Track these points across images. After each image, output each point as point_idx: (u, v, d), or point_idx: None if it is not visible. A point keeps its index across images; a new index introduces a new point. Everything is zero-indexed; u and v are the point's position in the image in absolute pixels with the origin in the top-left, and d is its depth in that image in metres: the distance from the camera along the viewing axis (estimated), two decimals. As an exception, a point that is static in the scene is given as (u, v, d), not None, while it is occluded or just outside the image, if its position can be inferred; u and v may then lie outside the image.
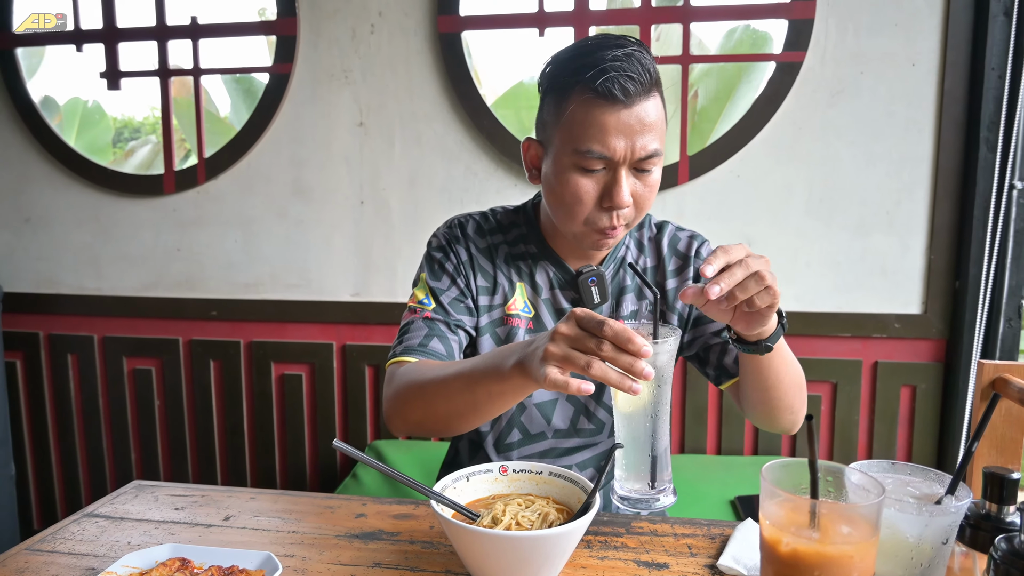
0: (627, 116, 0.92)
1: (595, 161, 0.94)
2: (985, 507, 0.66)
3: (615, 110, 0.92)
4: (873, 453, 1.92)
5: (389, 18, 1.98)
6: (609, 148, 0.93)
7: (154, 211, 2.16)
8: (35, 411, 2.29)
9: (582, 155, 0.94)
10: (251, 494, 1.03)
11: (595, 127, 0.93)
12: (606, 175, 0.96)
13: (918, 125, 1.81)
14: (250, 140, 2.07)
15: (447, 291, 1.08)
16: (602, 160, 0.94)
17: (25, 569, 0.82)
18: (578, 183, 0.96)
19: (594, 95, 0.92)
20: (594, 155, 0.93)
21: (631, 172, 0.96)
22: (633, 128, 0.93)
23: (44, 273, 2.24)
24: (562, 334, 0.76)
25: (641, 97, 0.93)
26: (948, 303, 1.84)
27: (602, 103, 0.92)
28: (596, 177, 0.96)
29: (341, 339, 2.10)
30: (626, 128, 0.92)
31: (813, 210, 1.87)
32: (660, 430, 0.85)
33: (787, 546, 0.55)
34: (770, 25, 2.28)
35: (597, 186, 0.96)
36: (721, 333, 1.10)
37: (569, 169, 0.96)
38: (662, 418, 0.84)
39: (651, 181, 0.98)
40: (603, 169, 0.95)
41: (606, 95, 0.91)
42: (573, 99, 0.94)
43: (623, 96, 0.91)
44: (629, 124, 0.92)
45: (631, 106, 0.92)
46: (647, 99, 0.94)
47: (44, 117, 2.17)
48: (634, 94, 0.92)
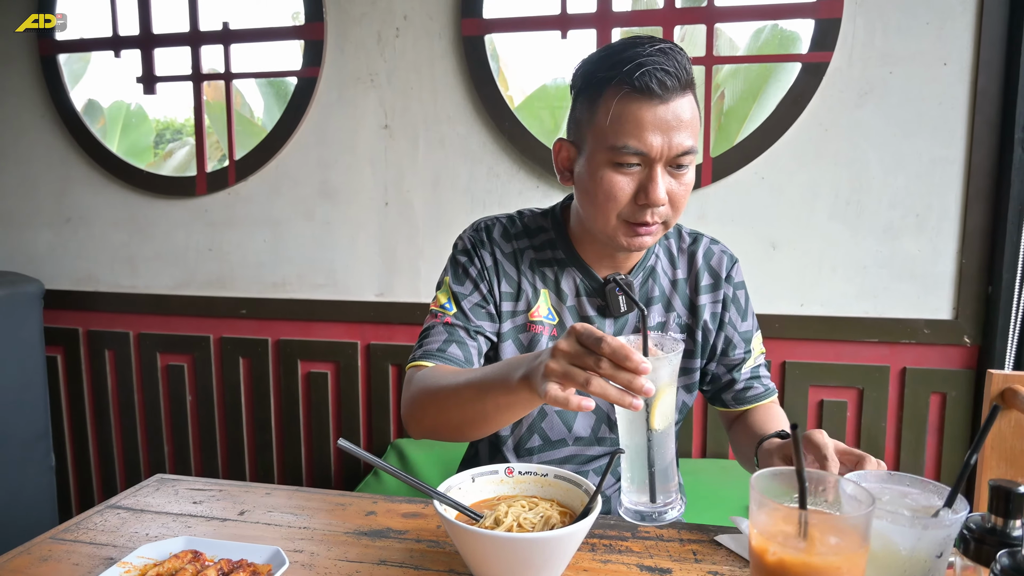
0: (664, 112, 0.92)
1: (631, 157, 0.93)
2: (991, 520, 0.65)
3: (652, 105, 0.91)
4: (901, 461, 1.88)
5: (414, 21, 2.00)
6: (646, 144, 0.92)
7: (187, 212, 2.23)
8: (74, 404, 2.38)
9: (618, 151, 0.93)
10: (267, 489, 1.06)
11: (631, 123, 0.92)
12: (641, 172, 0.95)
13: (949, 126, 1.76)
14: (279, 142, 2.11)
15: (469, 296, 1.08)
16: (638, 156, 0.93)
17: (49, 557, 0.86)
18: (613, 180, 0.95)
19: (630, 90, 0.92)
20: (630, 151, 0.93)
21: (666, 170, 0.95)
22: (670, 124, 0.92)
23: (83, 271, 2.33)
24: (562, 350, 0.75)
25: (678, 93, 0.92)
26: (980, 309, 1.79)
27: (639, 98, 0.91)
28: (632, 174, 0.95)
29: (365, 338, 2.13)
30: (663, 124, 0.92)
31: (839, 213, 1.84)
32: (663, 444, 0.84)
33: (774, 555, 0.55)
34: (798, 24, 2.24)
35: (632, 183, 0.95)
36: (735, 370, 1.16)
37: (604, 166, 0.95)
38: (665, 433, 0.84)
39: (686, 180, 0.98)
40: (638, 166, 0.95)
41: (643, 90, 0.91)
42: (608, 95, 0.94)
43: (660, 91, 0.91)
44: (666, 120, 0.92)
45: (668, 102, 0.92)
46: (683, 96, 0.93)
47: (85, 122, 2.25)
48: (671, 89, 0.91)
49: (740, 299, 1.15)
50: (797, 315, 1.86)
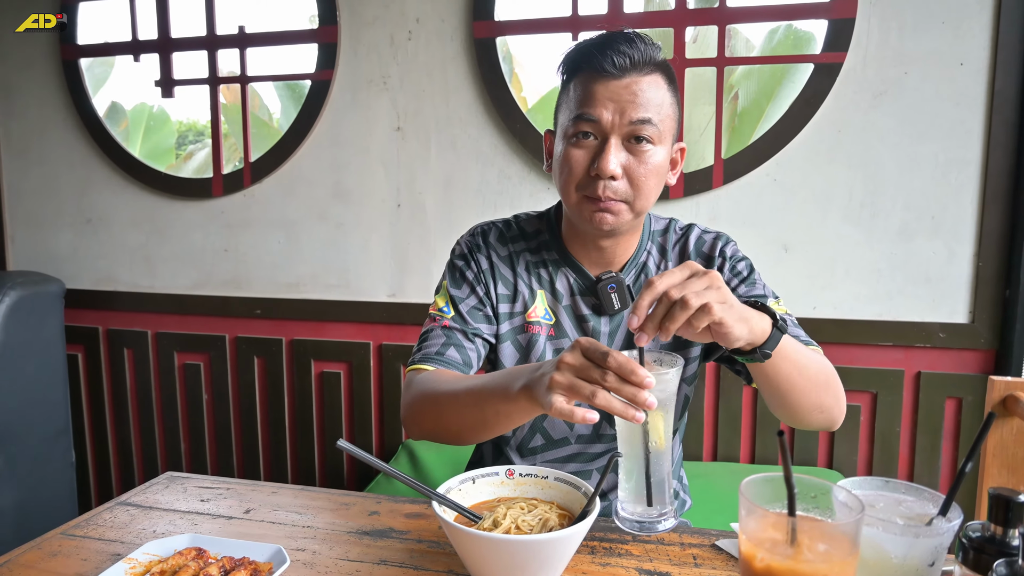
0: (616, 86, 0.97)
1: (585, 125, 0.99)
2: (990, 529, 0.64)
3: (605, 80, 0.98)
4: (915, 467, 1.85)
5: (426, 24, 2.02)
6: (596, 112, 0.97)
7: (204, 213, 2.26)
8: (94, 401, 2.43)
9: (574, 123, 0.99)
10: (273, 488, 1.08)
11: (586, 94, 0.99)
12: (597, 145, 1.00)
13: (966, 126, 1.74)
14: (293, 144, 2.14)
15: (466, 299, 1.11)
16: (591, 124, 0.98)
17: (58, 552, 0.88)
18: (570, 153, 1.01)
19: (589, 69, 0.99)
20: (584, 118, 0.98)
21: (623, 145, 0.99)
22: (622, 97, 0.97)
23: (103, 271, 2.37)
24: (567, 364, 0.77)
25: (634, 72, 0.98)
26: (997, 312, 1.76)
27: (595, 75, 0.98)
28: (587, 146, 1.00)
29: (378, 339, 2.15)
30: (615, 96, 0.97)
31: (853, 215, 1.82)
32: (662, 456, 0.85)
33: (761, 562, 0.55)
34: (812, 25, 2.22)
35: (588, 155, 1.00)
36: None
37: (566, 142, 1.02)
38: (664, 444, 0.85)
39: (648, 159, 0.99)
40: (594, 137, 1.00)
41: (598, 68, 0.97)
42: (574, 80, 1.02)
43: (613, 68, 0.97)
44: (618, 93, 0.97)
45: (621, 78, 0.97)
46: (642, 76, 0.98)
47: (105, 124, 2.30)
48: (623, 68, 0.97)
49: (741, 270, 1.11)
50: (809, 318, 1.84)
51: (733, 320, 0.80)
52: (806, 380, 0.95)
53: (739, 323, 0.81)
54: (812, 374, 0.96)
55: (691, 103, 1.89)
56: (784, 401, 0.97)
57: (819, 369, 0.97)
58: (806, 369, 0.95)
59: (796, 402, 0.96)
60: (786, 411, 0.99)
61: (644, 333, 0.80)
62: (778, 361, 0.90)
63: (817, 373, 0.97)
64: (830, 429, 1.04)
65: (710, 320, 0.78)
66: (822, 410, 0.98)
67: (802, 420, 1.00)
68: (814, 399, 0.97)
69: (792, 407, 0.97)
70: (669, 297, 0.78)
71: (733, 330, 0.81)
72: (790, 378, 0.93)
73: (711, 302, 0.78)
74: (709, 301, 0.78)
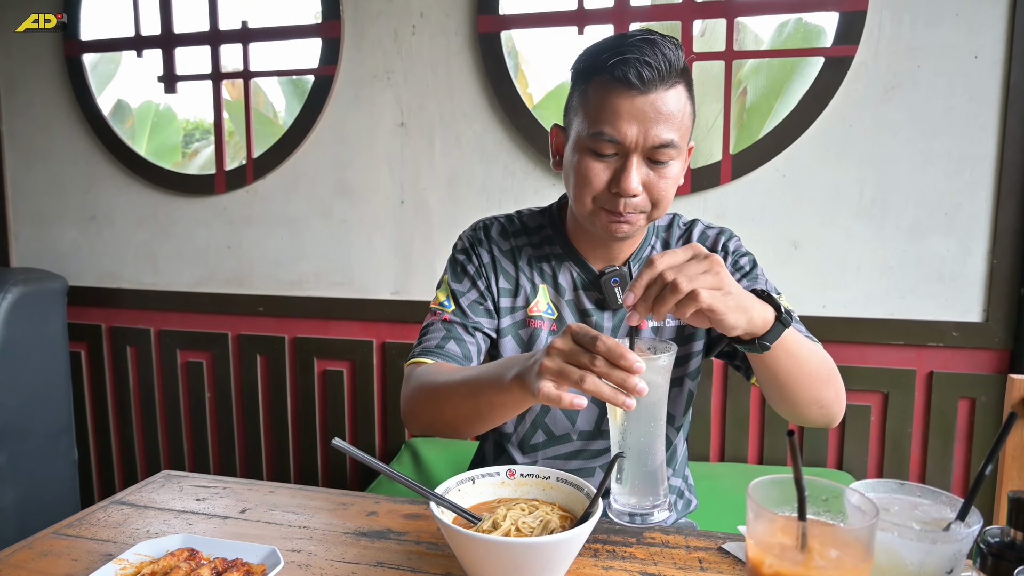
0: (642, 103, 0.92)
1: (606, 144, 0.95)
2: (1010, 534, 0.62)
3: (630, 95, 0.92)
4: (927, 468, 1.82)
5: (430, 19, 1.99)
6: (620, 132, 0.93)
7: (207, 210, 2.25)
8: (97, 399, 2.42)
9: (595, 138, 0.95)
10: (270, 487, 1.06)
11: (608, 110, 0.93)
12: (618, 161, 0.96)
13: (980, 121, 1.70)
14: (296, 141, 2.12)
15: (467, 293, 1.10)
16: (613, 144, 0.94)
17: (49, 552, 0.86)
18: (589, 166, 0.97)
19: (610, 79, 0.93)
20: (605, 138, 0.94)
21: (644, 161, 0.96)
22: (647, 115, 0.92)
23: (107, 268, 2.36)
24: (557, 348, 0.77)
25: (659, 85, 0.92)
26: (1012, 311, 1.73)
27: (618, 87, 0.93)
28: (608, 162, 0.96)
29: (381, 336, 2.13)
30: (640, 114, 0.92)
31: (864, 211, 1.79)
32: (654, 445, 0.83)
33: (770, 568, 0.52)
34: (822, 17, 2.19)
35: (608, 171, 0.97)
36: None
37: (582, 151, 0.97)
38: (656, 433, 0.83)
39: (668, 173, 0.97)
40: (615, 155, 0.96)
41: (622, 79, 0.92)
42: (593, 84, 0.96)
43: (638, 82, 0.91)
44: (643, 111, 0.92)
45: (647, 93, 0.92)
46: (666, 89, 0.93)
47: (109, 122, 2.29)
48: (650, 81, 0.92)
49: (743, 265, 1.11)
50: (819, 316, 1.81)
51: (726, 308, 0.79)
52: (806, 374, 0.94)
53: (735, 312, 0.80)
54: (813, 368, 0.95)
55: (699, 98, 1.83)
56: (783, 394, 0.95)
57: (820, 364, 0.96)
58: (807, 363, 0.94)
59: (795, 395, 0.95)
60: (784, 404, 0.98)
61: (636, 312, 0.79)
62: (778, 353, 0.88)
63: (818, 368, 0.96)
64: (829, 426, 1.03)
65: (697, 307, 0.77)
66: (821, 405, 0.97)
67: (800, 414, 0.99)
68: (813, 393, 0.95)
69: (791, 400, 0.96)
70: (663, 279, 0.77)
71: (726, 318, 0.79)
72: (790, 370, 0.92)
73: (700, 288, 0.76)
74: (698, 287, 0.76)
